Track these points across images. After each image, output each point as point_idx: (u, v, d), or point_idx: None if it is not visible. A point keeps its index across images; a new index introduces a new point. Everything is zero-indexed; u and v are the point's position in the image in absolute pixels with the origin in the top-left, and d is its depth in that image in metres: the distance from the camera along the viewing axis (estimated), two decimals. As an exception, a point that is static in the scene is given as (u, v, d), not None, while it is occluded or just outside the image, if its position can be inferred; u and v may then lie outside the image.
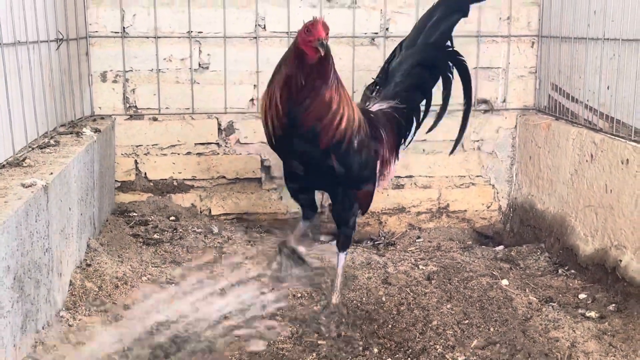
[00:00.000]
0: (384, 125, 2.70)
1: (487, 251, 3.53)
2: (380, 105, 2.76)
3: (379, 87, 2.80)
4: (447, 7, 2.80)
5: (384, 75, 2.82)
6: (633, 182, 2.84)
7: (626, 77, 2.98)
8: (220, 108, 3.69)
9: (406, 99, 2.79)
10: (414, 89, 2.82)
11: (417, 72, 2.79)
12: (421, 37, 2.80)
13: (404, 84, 2.78)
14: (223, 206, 3.80)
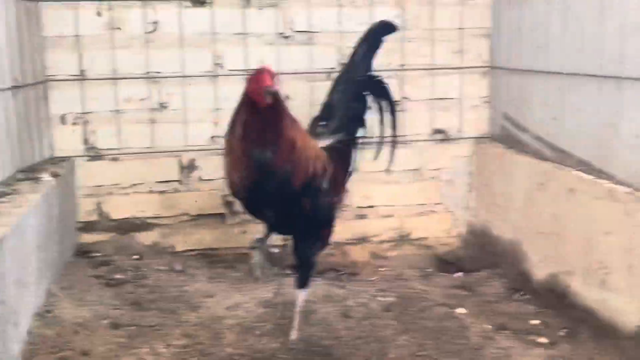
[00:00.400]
0: (336, 160, 2.79)
1: (446, 278, 3.61)
2: (329, 140, 2.84)
3: (325, 122, 2.90)
4: (368, 43, 3.02)
5: (327, 109, 2.92)
6: (578, 211, 2.95)
7: (570, 109, 3.10)
8: (181, 146, 3.75)
9: (348, 131, 2.91)
10: (354, 121, 2.95)
11: (353, 105, 2.94)
12: (351, 71, 3.00)
13: (346, 117, 2.91)
14: (187, 242, 3.85)
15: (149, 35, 3.64)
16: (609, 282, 2.75)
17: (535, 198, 3.30)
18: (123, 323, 2.87)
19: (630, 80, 2.68)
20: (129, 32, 3.63)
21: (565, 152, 3.17)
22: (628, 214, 2.62)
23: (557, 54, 3.18)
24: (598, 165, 2.92)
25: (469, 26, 3.93)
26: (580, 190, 2.94)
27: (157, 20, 3.64)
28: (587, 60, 2.94)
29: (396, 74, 3.90)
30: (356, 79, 2.96)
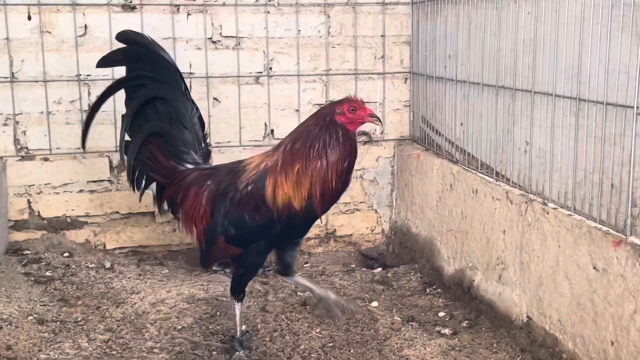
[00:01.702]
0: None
1: (366, 274, 3.81)
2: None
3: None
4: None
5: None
6: (481, 210, 3.17)
7: (474, 116, 3.32)
8: (111, 146, 3.86)
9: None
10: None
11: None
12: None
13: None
14: (117, 240, 3.97)
15: (79, 38, 3.74)
16: (504, 277, 2.98)
17: (447, 198, 3.52)
18: (48, 319, 3.00)
19: (521, 92, 2.91)
20: (59, 36, 3.72)
21: (471, 156, 3.40)
22: (521, 214, 2.85)
23: (464, 64, 3.40)
24: (497, 168, 3.15)
25: (391, 34, 4.13)
26: (482, 191, 3.16)
27: (87, 24, 3.74)
28: (487, 71, 3.17)
29: (321, 78, 4.08)
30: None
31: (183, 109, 2.82)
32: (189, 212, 2.73)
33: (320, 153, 2.50)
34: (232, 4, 3.89)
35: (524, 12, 2.86)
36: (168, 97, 2.81)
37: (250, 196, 2.58)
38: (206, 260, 2.81)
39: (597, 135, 2.44)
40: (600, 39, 2.38)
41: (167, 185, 2.80)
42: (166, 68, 2.83)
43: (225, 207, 2.62)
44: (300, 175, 2.52)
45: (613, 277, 2.30)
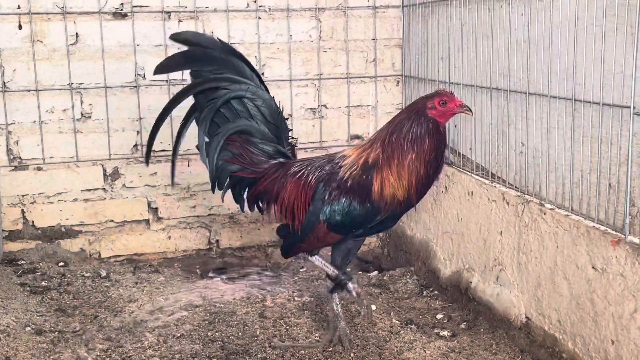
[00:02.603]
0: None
1: (362, 277, 3.81)
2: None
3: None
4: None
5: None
6: (477, 212, 3.19)
7: (467, 118, 3.33)
8: (105, 155, 3.85)
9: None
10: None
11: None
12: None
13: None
14: (112, 249, 3.95)
15: (70, 47, 3.72)
16: (502, 278, 2.99)
17: (442, 200, 3.53)
18: (46, 329, 2.98)
19: (515, 93, 2.92)
20: (50, 45, 3.70)
21: (466, 158, 3.41)
22: (517, 215, 2.87)
23: (457, 66, 3.41)
24: (493, 169, 3.16)
25: (382, 37, 4.14)
26: (478, 193, 3.17)
27: (78, 32, 3.73)
28: (481, 73, 3.18)
29: (313, 82, 4.09)
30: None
31: (264, 104, 2.87)
32: (288, 201, 2.81)
33: (413, 145, 2.65)
34: (223, 10, 3.88)
35: (517, 13, 2.88)
36: (249, 95, 2.85)
37: (362, 185, 2.70)
38: (298, 248, 2.90)
39: (593, 135, 2.45)
40: (595, 39, 2.39)
41: (259, 179, 2.86)
42: (236, 65, 2.84)
43: (331, 195, 2.73)
44: (400, 167, 2.66)
45: (612, 276, 2.31)
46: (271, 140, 2.91)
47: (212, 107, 2.83)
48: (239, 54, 2.86)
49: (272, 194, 2.85)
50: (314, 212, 2.76)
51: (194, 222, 4.06)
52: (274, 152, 2.91)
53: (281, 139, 2.93)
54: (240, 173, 2.89)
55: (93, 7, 3.72)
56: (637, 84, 2.21)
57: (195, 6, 3.84)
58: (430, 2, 3.66)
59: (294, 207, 2.80)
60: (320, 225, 2.76)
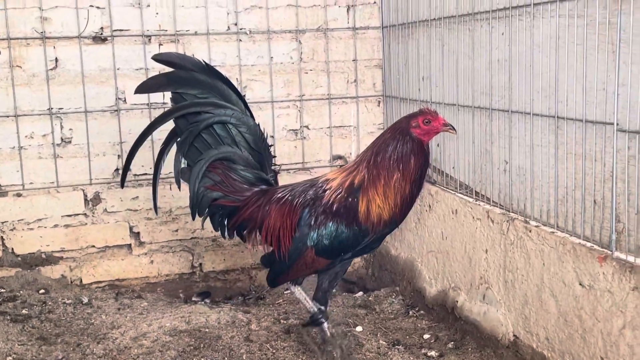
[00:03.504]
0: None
1: (347, 298, 3.79)
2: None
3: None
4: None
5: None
6: (462, 230, 3.19)
7: (450, 137, 3.35)
8: (85, 180, 3.81)
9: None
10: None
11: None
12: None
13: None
14: (94, 275, 3.89)
15: (50, 72, 3.69)
16: (489, 297, 2.99)
17: (426, 219, 3.53)
18: (28, 358, 2.92)
19: (498, 112, 2.94)
20: (29, 70, 3.67)
21: (449, 176, 3.42)
22: (502, 233, 2.87)
23: (438, 85, 3.43)
24: (477, 188, 3.16)
25: (363, 58, 4.16)
26: (462, 211, 3.18)
27: (57, 57, 3.70)
28: (462, 92, 3.20)
29: (295, 104, 4.09)
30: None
31: (248, 131, 2.86)
32: (273, 228, 2.79)
33: (398, 165, 2.68)
34: (204, 33, 3.88)
35: (497, 32, 2.90)
36: (233, 121, 2.83)
37: (349, 208, 2.70)
38: (285, 276, 2.85)
39: (577, 152, 2.47)
40: (577, 57, 2.42)
41: (242, 207, 2.84)
42: (221, 89, 2.82)
43: (318, 220, 2.72)
44: (386, 187, 2.68)
45: (600, 292, 2.31)
46: (254, 167, 2.89)
47: (194, 130, 2.80)
48: (225, 78, 2.85)
49: (255, 221, 2.84)
50: (301, 238, 2.74)
51: (176, 246, 4.02)
52: (257, 179, 2.90)
53: (264, 165, 2.92)
54: (222, 201, 2.87)
55: (72, 31, 3.70)
56: (619, 101, 2.23)
57: (176, 29, 3.83)
58: (410, 23, 3.68)
59: (280, 234, 2.78)
60: (308, 251, 2.74)
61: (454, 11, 3.21)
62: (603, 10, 2.28)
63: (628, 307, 2.20)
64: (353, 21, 4.10)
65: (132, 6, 3.76)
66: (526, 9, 2.68)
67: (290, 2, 4.00)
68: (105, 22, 3.74)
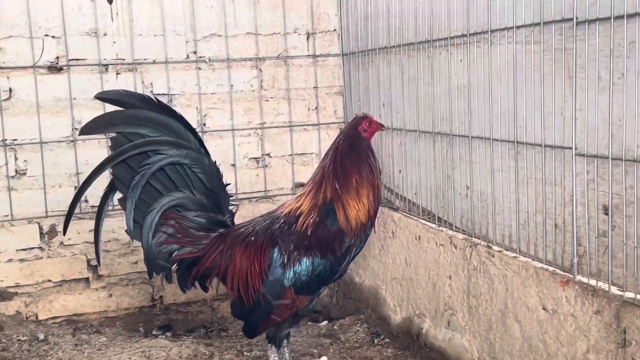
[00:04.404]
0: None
1: (312, 328, 3.74)
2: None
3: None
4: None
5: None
6: (425, 257, 3.17)
7: (412, 163, 3.35)
8: (41, 212, 3.71)
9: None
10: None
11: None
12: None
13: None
14: (50, 310, 3.78)
15: (4, 102, 3.61)
16: (453, 323, 2.97)
17: (389, 245, 3.51)
18: (-21, 400, 2.80)
19: (458, 137, 2.95)
20: (-18, 100, 3.59)
21: (412, 202, 3.41)
22: (465, 258, 2.86)
23: (399, 112, 3.44)
24: (439, 213, 3.16)
25: (324, 85, 4.16)
26: (425, 237, 3.17)
27: (12, 87, 3.61)
28: (423, 118, 3.21)
29: (256, 132, 4.06)
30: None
31: (203, 171, 2.66)
32: (240, 274, 2.61)
33: (361, 162, 2.68)
34: (162, 62, 3.84)
35: (456, 59, 2.92)
36: (187, 161, 2.63)
37: (327, 233, 2.61)
38: (265, 323, 2.66)
39: (537, 176, 2.48)
40: (534, 83, 2.44)
41: (202, 256, 2.65)
42: (173, 126, 2.61)
43: (291, 257, 2.58)
44: (359, 186, 2.65)
45: (563, 316, 2.31)
46: (210, 210, 2.70)
47: (146, 174, 2.57)
48: (177, 114, 2.66)
49: (219, 270, 2.65)
50: (276, 280, 2.58)
51: (136, 279, 3.93)
52: (214, 224, 2.71)
53: (221, 206, 2.73)
54: (180, 254, 2.66)
55: (27, 61, 3.62)
56: (577, 125, 2.25)
57: (134, 58, 3.79)
58: (370, 50, 3.70)
59: (248, 279, 2.60)
60: (287, 291, 2.59)
61: (412, 38, 3.23)
62: (559, 36, 2.31)
63: (591, 330, 2.20)
64: (313, 49, 4.10)
65: (88, 35, 3.71)
66: (484, 35, 2.71)
67: (250, 30, 3.99)
68: (61, 51, 3.67)
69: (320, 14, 4.10)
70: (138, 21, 3.79)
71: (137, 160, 2.57)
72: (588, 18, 2.18)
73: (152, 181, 2.59)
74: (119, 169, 2.59)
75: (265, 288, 2.58)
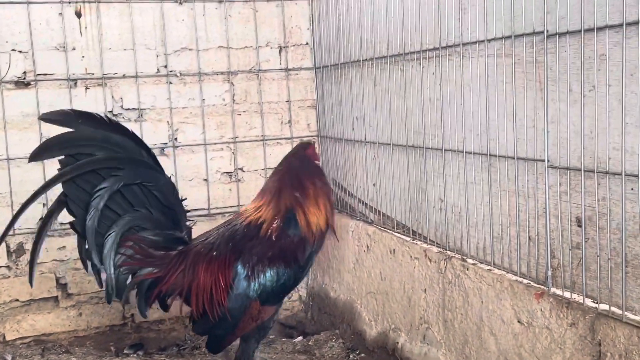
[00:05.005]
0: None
1: (286, 344, 3.70)
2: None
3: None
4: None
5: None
6: (400, 270, 3.15)
7: (386, 176, 3.34)
8: (8, 229, 3.62)
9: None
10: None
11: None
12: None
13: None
14: (18, 330, 3.69)
15: (-31, 118, 3.54)
16: (429, 337, 2.95)
17: (364, 259, 3.49)
18: None
19: (432, 150, 2.94)
20: (-54, 116, 3.51)
21: (386, 216, 3.39)
22: (440, 271, 2.85)
23: (372, 125, 3.42)
24: (414, 227, 3.15)
25: (296, 98, 4.14)
26: (400, 251, 3.15)
27: (-23, 102, 3.55)
28: (396, 131, 3.20)
29: (229, 146, 4.02)
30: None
31: (159, 187, 2.65)
32: (204, 290, 2.59)
33: (315, 174, 2.88)
34: (132, 76, 3.79)
35: (428, 72, 2.92)
36: (144, 179, 2.60)
37: (290, 242, 2.68)
38: (232, 337, 2.69)
39: (510, 189, 2.48)
40: (506, 96, 2.44)
41: (164, 276, 2.61)
42: (124, 144, 2.59)
43: (255, 270, 2.61)
44: (316, 195, 2.79)
45: (539, 329, 2.30)
46: (168, 227, 2.69)
47: (103, 195, 2.53)
48: (130, 132, 2.64)
49: (182, 288, 2.62)
50: (241, 293, 2.59)
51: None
52: (172, 241, 2.70)
53: (178, 223, 2.72)
54: (140, 276, 2.62)
55: (-7, 76, 3.56)
56: (549, 138, 2.25)
57: (103, 73, 3.73)
58: (342, 64, 3.69)
59: (213, 295, 2.58)
60: (252, 304, 2.60)
61: (385, 52, 3.23)
62: (530, 49, 2.31)
63: (566, 343, 2.19)
64: (285, 62, 4.09)
65: (56, 49, 3.65)
66: (455, 48, 2.71)
67: (222, 44, 3.96)
68: (29, 66, 3.61)
69: (293, 27, 4.09)
70: (107, 35, 3.74)
71: (89, 181, 2.54)
72: (558, 31, 2.18)
73: (108, 202, 2.55)
74: (70, 188, 2.56)
75: (230, 302, 2.58)
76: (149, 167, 2.63)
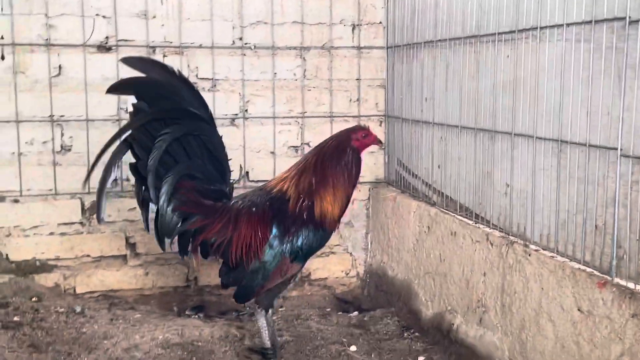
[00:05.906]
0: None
1: (342, 317, 3.76)
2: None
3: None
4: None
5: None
6: (460, 253, 3.17)
7: (452, 158, 3.34)
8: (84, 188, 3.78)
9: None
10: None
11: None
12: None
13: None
14: (88, 284, 3.86)
15: (53, 79, 3.69)
16: (485, 320, 2.96)
17: (424, 240, 3.51)
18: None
19: (501, 134, 2.93)
20: (32, 76, 3.66)
21: (449, 198, 3.40)
22: (501, 256, 2.85)
23: (442, 107, 3.43)
24: (477, 210, 3.15)
25: (367, 77, 4.16)
26: (461, 233, 3.16)
27: (61, 64, 3.70)
28: (466, 114, 3.20)
29: (297, 120, 4.08)
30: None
31: (213, 142, 2.88)
32: (244, 242, 2.84)
33: (343, 169, 2.93)
34: (208, 47, 3.88)
35: (502, 55, 2.91)
36: (202, 132, 2.84)
37: (314, 214, 2.89)
38: (260, 289, 2.91)
39: (579, 176, 2.46)
40: (582, 82, 2.42)
41: (209, 224, 2.84)
42: (189, 98, 2.81)
43: (291, 230, 2.86)
44: (335, 189, 2.92)
45: (599, 318, 2.29)
46: (217, 180, 2.91)
47: (166, 139, 2.74)
48: (195, 88, 2.87)
49: (224, 237, 2.84)
50: (276, 249, 2.84)
51: (172, 259, 3.99)
52: (219, 194, 2.91)
53: (225, 178, 2.94)
54: (192, 222, 2.83)
55: (77, 39, 3.70)
56: (624, 126, 2.22)
57: (181, 42, 3.84)
58: (415, 44, 3.69)
59: (252, 247, 2.83)
60: (284, 260, 2.85)
61: (459, 33, 3.22)
62: (610, 35, 2.28)
63: (627, 334, 2.18)
64: (358, 40, 4.11)
65: (138, 17, 3.77)
66: (532, 32, 2.69)
67: (296, 19, 4.01)
68: (111, 31, 3.74)
69: (367, 5, 4.10)
70: (187, 5, 3.84)
71: (155, 127, 2.76)
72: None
73: (169, 148, 2.77)
74: (139, 133, 2.77)
75: (266, 256, 2.83)
76: (207, 122, 2.84)
